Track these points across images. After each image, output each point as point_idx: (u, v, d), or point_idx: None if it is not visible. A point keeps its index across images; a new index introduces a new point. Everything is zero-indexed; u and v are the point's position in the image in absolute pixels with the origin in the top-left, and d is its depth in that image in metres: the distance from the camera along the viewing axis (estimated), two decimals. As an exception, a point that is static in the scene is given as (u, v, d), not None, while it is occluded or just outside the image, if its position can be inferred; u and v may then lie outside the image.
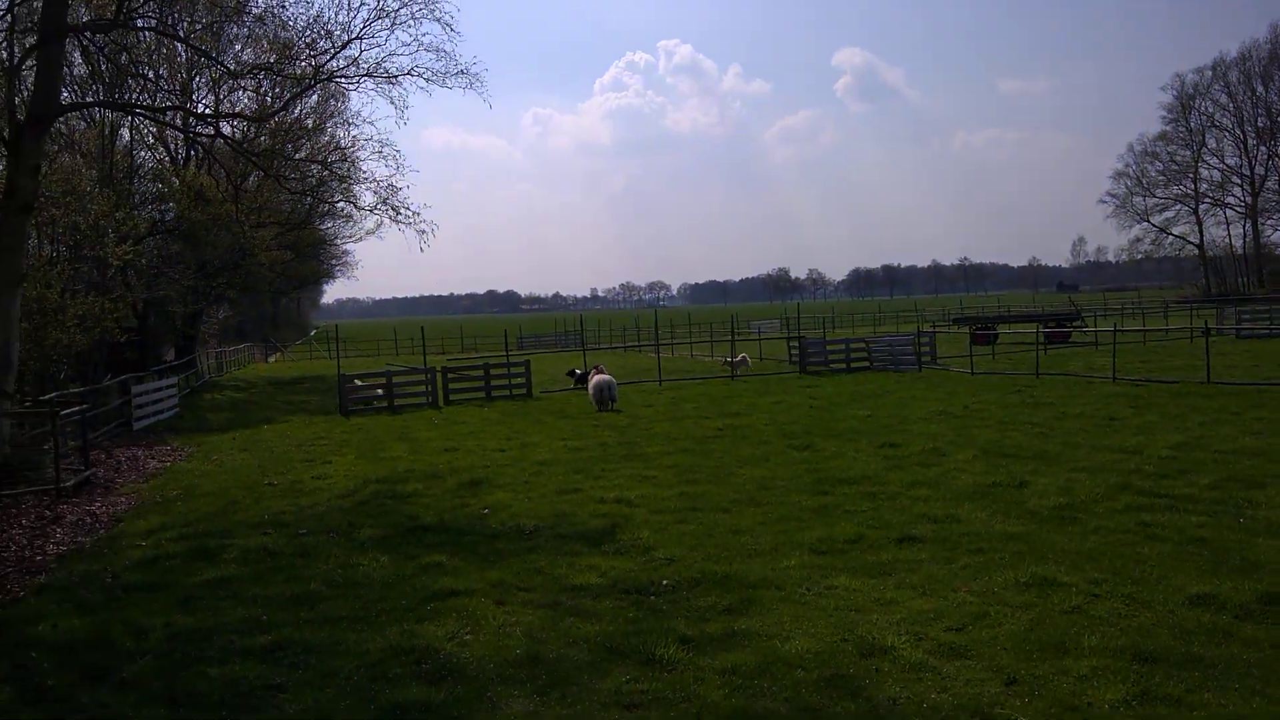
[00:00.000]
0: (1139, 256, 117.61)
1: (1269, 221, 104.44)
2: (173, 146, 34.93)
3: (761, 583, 7.57)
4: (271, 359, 67.72)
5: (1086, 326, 41.79)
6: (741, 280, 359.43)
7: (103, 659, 6.49)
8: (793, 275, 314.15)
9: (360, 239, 58.90)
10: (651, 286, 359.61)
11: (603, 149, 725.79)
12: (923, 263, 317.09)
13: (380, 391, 24.70)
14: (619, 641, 6.34)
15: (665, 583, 7.64)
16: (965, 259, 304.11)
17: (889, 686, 5.50)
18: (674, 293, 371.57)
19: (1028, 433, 14.85)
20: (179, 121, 24.36)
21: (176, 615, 7.39)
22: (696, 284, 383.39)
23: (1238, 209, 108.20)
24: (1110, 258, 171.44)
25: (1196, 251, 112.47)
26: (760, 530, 9.29)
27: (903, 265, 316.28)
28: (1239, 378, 21.38)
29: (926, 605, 6.87)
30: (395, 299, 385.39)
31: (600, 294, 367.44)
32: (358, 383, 24.87)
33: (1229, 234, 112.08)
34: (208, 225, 28.80)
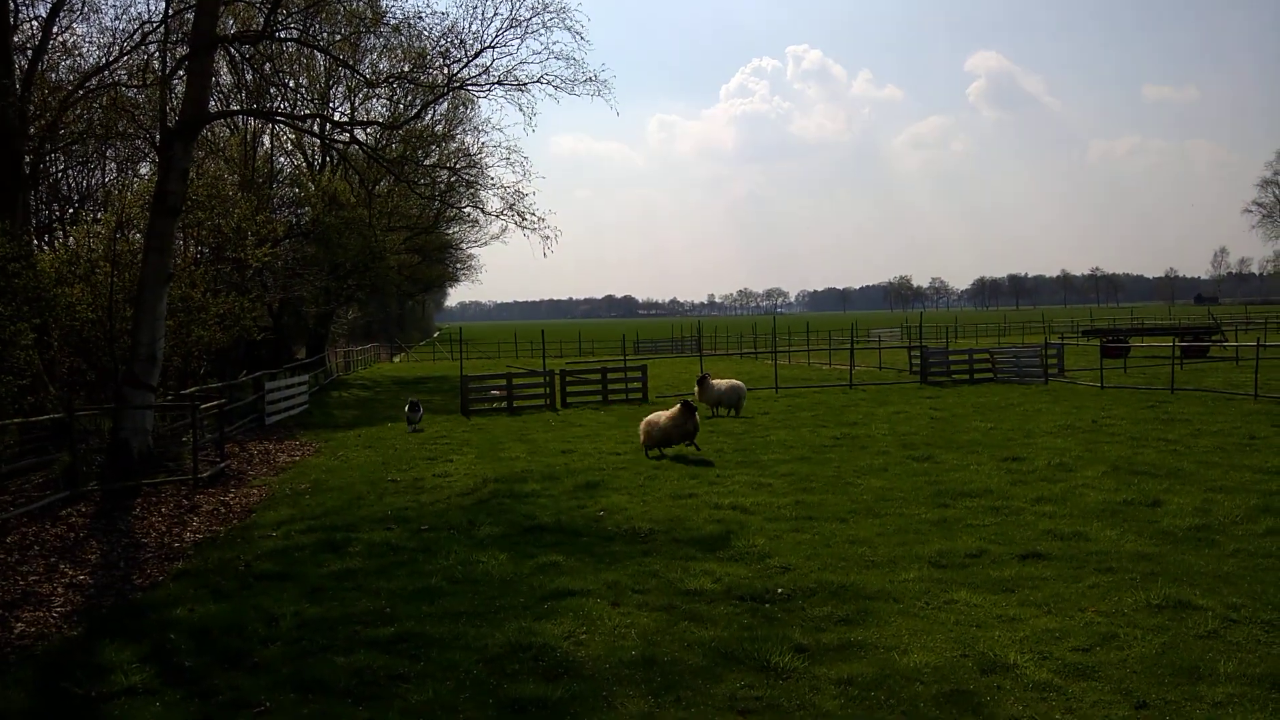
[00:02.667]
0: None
1: None
2: (309, 152, 36.93)
3: (879, 594, 7.46)
4: (396, 359, 70.39)
5: (1226, 340, 39.14)
6: (861, 288, 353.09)
7: (236, 644, 6.88)
8: (915, 284, 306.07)
9: (485, 244, 60.77)
10: (769, 294, 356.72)
11: (726, 155, 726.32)
12: (1051, 272, 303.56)
13: (497, 392, 25.40)
14: (733, 647, 6.37)
15: (780, 591, 7.62)
16: (1097, 269, 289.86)
17: (1010, 705, 5.35)
18: (792, 300, 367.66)
19: (1161, 450, 14.07)
20: (317, 128, 25.66)
21: (305, 604, 7.78)
22: (815, 291, 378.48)
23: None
24: (1254, 269, 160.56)
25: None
26: (878, 541, 9.14)
27: (1030, 275, 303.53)
28: None
29: (1051, 624, 6.64)
30: (516, 303, 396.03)
31: (718, 300, 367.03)
32: (494, 392, 25.58)
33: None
34: (340, 228, 30.27)
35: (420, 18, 37.48)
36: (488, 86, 20.13)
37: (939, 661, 6.01)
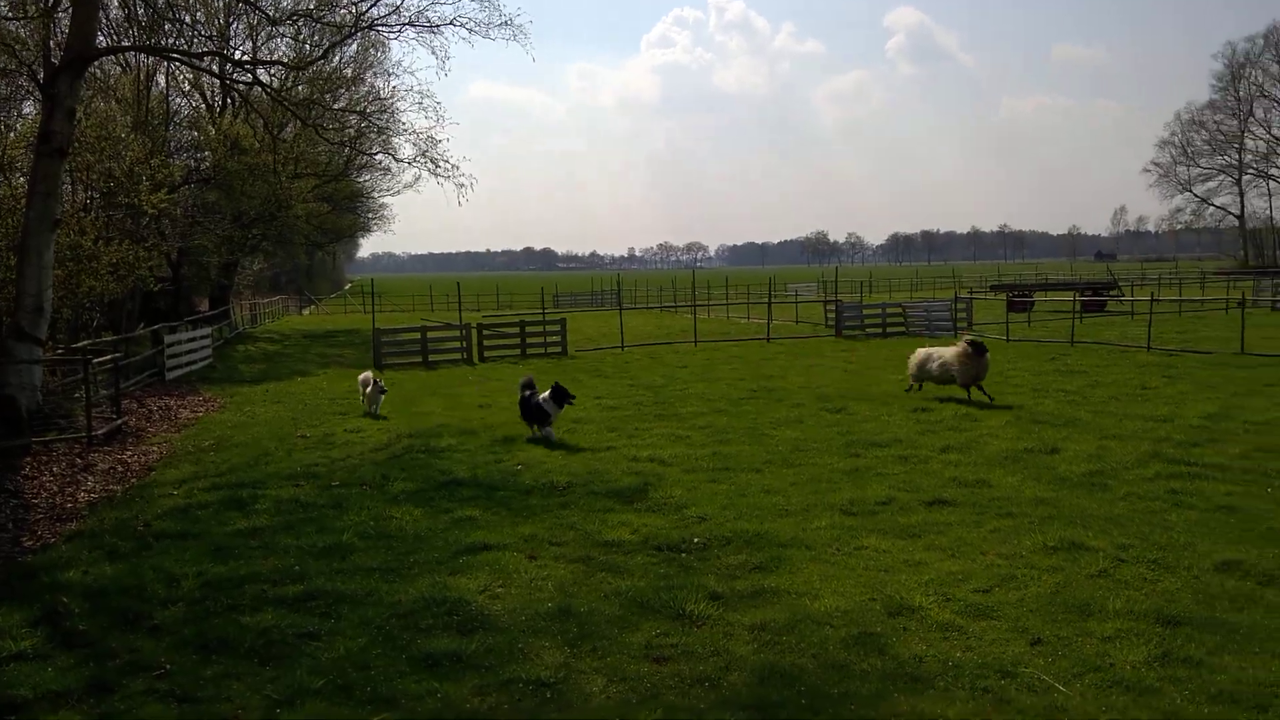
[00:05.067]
0: (1179, 226, 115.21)
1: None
2: (209, 94, 35.03)
3: (792, 542, 7.60)
4: (306, 312, 68.40)
5: (1123, 296, 41.03)
6: (780, 243, 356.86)
7: (135, 605, 6.60)
8: (831, 239, 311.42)
9: (398, 192, 59.03)
10: (689, 247, 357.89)
11: (647, 107, 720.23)
12: (962, 229, 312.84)
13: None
14: (650, 597, 6.41)
15: (696, 540, 7.69)
16: (1005, 226, 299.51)
17: (915, 645, 5.53)
18: (712, 254, 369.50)
19: (1060, 400, 14.70)
20: (215, 68, 24.36)
21: (209, 564, 7.50)
22: (734, 246, 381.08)
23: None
24: (1150, 227, 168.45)
25: (1237, 223, 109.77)
26: (792, 491, 9.30)
27: (942, 231, 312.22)
28: (1273, 350, 20.94)
29: (955, 567, 6.88)
30: (431, 254, 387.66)
31: (638, 254, 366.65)
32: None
33: (1270, 206, 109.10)
34: (244, 175, 28.91)
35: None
36: (398, 27, 19.41)
37: (848, 605, 6.17)
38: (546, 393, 12.68)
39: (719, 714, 4.74)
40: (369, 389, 15.86)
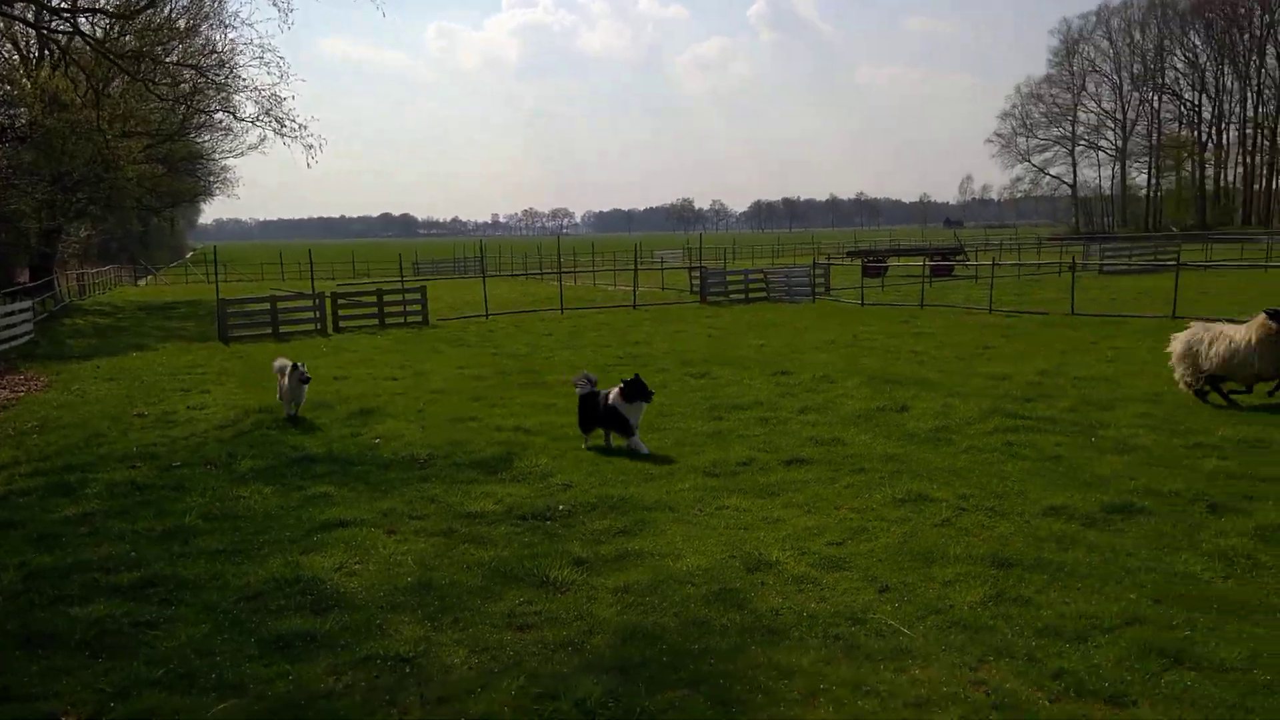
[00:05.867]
0: (1019, 195, 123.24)
1: (1135, 165, 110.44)
2: (24, 44, 31.90)
3: (656, 505, 7.67)
4: (142, 283, 64.15)
5: (969, 261, 43.48)
6: (646, 210, 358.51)
7: (-52, 600, 6.04)
8: (697, 206, 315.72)
9: (242, 154, 55.66)
10: (555, 214, 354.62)
11: (509, 69, 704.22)
12: (822, 196, 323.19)
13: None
14: (513, 566, 6.34)
15: (561, 508, 7.65)
16: (862, 194, 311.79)
17: (772, 598, 5.70)
18: (578, 221, 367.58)
19: (910, 361, 15.44)
20: (30, 16, 22.19)
21: (32, 554, 6.95)
22: (601, 212, 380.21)
23: (1109, 152, 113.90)
24: (994, 196, 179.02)
25: (1070, 191, 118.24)
26: (657, 455, 9.38)
27: (802, 199, 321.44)
28: (1099, 310, 22.74)
29: (811, 522, 7.12)
30: (282, 221, 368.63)
31: (502, 220, 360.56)
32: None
33: (1099, 175, 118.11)
34: (64, 133, 26.48)
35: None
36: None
37: (709, 564, 6.29)
38: (616, 389, 9.67)
39: (581, 677, 4.74)
40: (287, 379, 11.94)
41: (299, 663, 5.04)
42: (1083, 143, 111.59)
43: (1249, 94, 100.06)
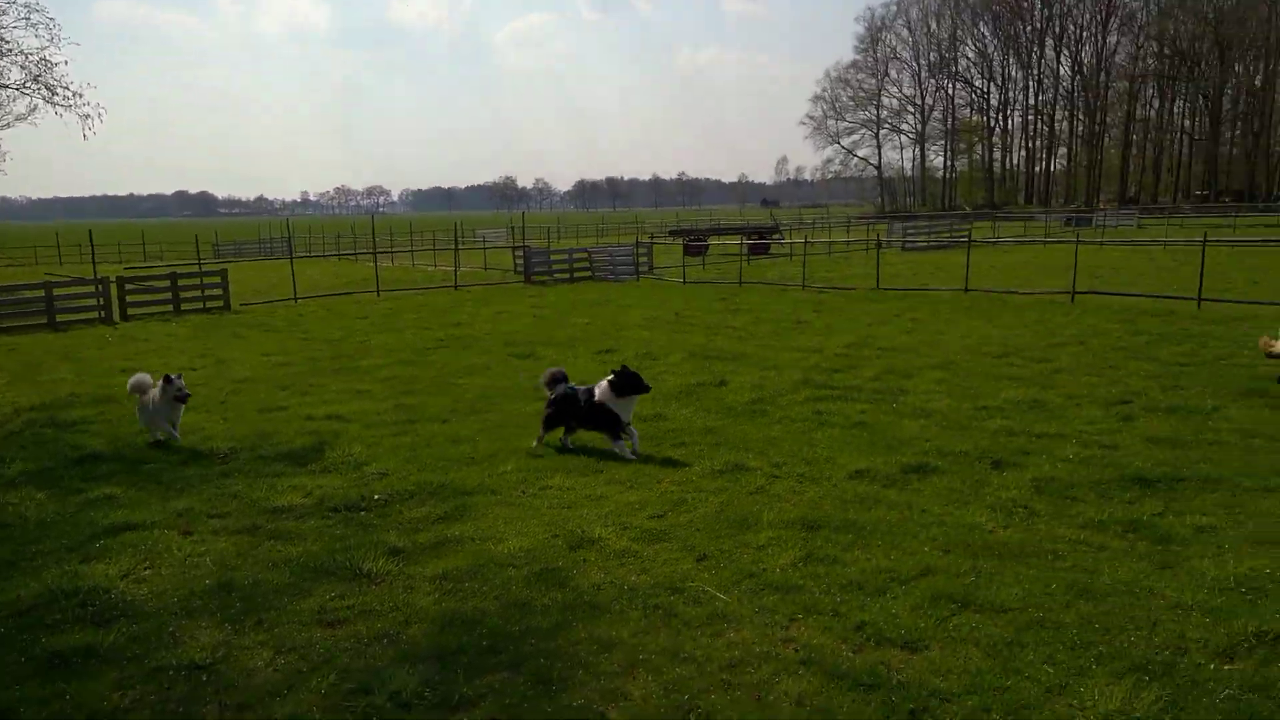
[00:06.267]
0: (830, 175, 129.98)
1: (933, 148, 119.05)
2: None
3: (478, 489, 7.52)
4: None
5: (784, 239, 45.43)
6: (468, 188, 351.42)
7: None
8: (520, 185, 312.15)
9: (9, 125, 49.76)
10: (370, 191, 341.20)
11: (317, 37, 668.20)
12: (644, 176, 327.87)
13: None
14: (323, 560, 6.03)
15: (377, 497, 7.36)
16: (683, 174, 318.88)
17: (594, 574, 5.72)
18: (395, 199, 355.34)
19: (729, 336, 15.95)
20: None
21: None
22: (420, 190, 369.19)
23: (910, 135, 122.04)
24: (807, 176, 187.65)
25: (876, 172, 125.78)
26: (479, 439, 9.20)
27: (626, 178, 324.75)
28: (901, 284, 24.40)
29: (633, 497, 7.20)
30: (59, 199, 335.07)
31: (313, 198, 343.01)
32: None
33: (902, 157, 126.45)
34: None
35: None
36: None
37: (532, 544, 6.23)
38: (603, 382, 8.37)
39: (396, 669, 4.58)
40: (150, 398, 9.26)
41: (79, 680, 4.60)
42: (886, 126, 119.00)
43: (1030, 82, 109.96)
